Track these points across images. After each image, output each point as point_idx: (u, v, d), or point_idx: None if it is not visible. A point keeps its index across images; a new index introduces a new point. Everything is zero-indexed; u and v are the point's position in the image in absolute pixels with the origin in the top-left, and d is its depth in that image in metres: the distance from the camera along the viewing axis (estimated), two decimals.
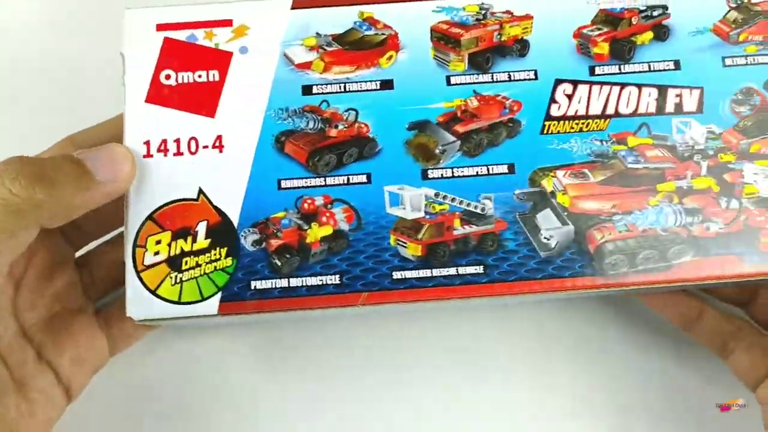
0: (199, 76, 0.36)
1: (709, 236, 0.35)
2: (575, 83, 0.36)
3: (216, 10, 0.37)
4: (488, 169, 0.36)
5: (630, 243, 0.35)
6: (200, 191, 0.35)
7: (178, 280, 0.34)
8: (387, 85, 0.36)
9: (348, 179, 0.36)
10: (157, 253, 0.35)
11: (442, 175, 0.36)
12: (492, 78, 0.37)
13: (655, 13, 0.37)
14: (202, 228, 0.35)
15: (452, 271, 0.35)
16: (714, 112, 0.36)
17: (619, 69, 0.37)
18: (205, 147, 0.36)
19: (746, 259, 0.35)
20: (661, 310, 0.41)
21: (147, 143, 0.36)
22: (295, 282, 0.35)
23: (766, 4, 0.37)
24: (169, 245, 0.35)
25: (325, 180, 0.36)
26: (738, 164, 0.36)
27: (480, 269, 0.35)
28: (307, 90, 0.36)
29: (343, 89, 0.36)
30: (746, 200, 0.35)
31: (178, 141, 0.36)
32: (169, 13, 0.37)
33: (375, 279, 0.35)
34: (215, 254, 0.35)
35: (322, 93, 0.36)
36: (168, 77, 0.36)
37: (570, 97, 0.36)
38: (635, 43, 0.37)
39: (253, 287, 0.35)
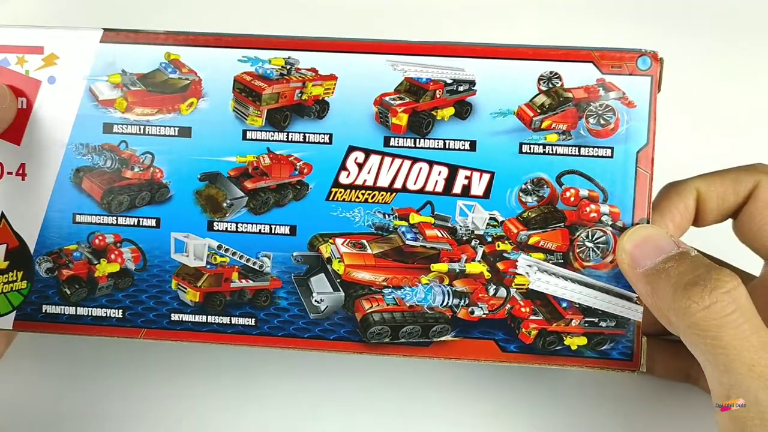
0: None
1: (472, 320, 0.36)
2: (368, 152, 0.36)
3: (29, 36, 0.37)
4: (271, 228, 0.37)
5: (396, 316, 0.37)
6: (2, 215, 0.37)
7: None
8: (185, 132, 0.37)
9: (138, 221, 0.37)
10: None
11: (226, 228, 0.37)
12: (287, 137, 0.37)
13: (461, 89, 0.36)
14: (1, 250, 0.38)
15: (226, 320, 0.37)
16: (500, 198, 0.36)
17: (414, 143, 0.36)
18: (10, 173, 0.37)
19: (504, 347, 0.36)
20: None
21: None
22: (81, 311, 0.38)
23: (579, 91, 0.36)
24: None
25: (117, 219, 0.37)
26: (514, 254, 0.36)
27: (252, 321, 0.37)
28: (108, 128, 0.37)
29: (142, 131, 0.37)
30: (514, 290, 0.36)
31: None
32: None
33: (154, 318, 0.37)
34: (12, 276, 0.38)
35: (122, 133, 0.37)
36: None
37: (361, 166, 0.36)
38: (435, 118, 0.36)
39: (44, 311, 0.38)
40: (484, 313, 0.36)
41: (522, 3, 0.55)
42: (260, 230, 0.37)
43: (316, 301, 0.37)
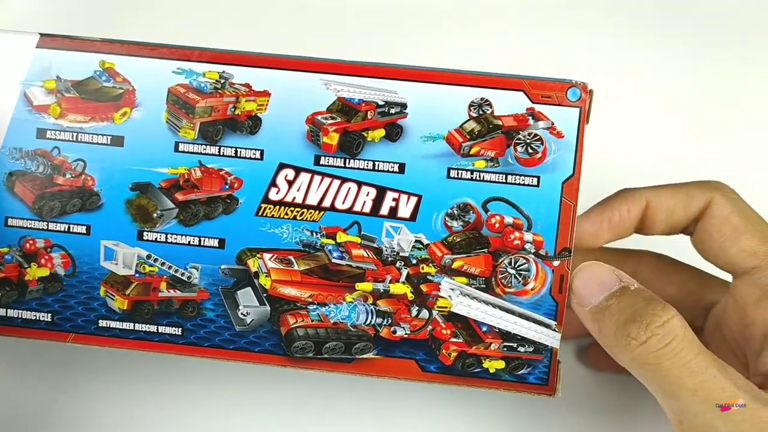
0: None
1: (394, 339, 0.37)
2: (298, 170, 0.37)
3: None
4: (200, 241, 0.37)
5: (320, 332, 0.37)
6: None
7: None
8: (117, 141, 0.37)
9: (69, 228, 0.38)
10: None
11: (156, 238, 0.37)
12: (219, 151, 0.37)
13: (392, 111, 0.36)
14: None
15: (153, 328, 0.38)
16: (427, 222, 0.37)
17: (344, 163, 0.37)
18: None
19: (424, 367, 0.37)
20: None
21: None
22: (12, 313, 0.38)
23: (508, 119, 0.36)
24: None
25: (48, 225, 0.38)
26: (437, 277, 0.37)
27: (178, 331, 0.38)
28: (41, 133, 0.37)
29: (75, 138, 0.37)
30: (436, 312, 0.37)
31: None
32: None
33: (83, 323, 0.38)
34: None
35: (55, 139, 0.37)
36: None
37: (291, 183, 0.37)
38: (366, 139, 0.37)
39: None
40: (406, 333, 0.37)
41: (521, 3, 0.55)
42: (189, 242, 0.37)
43: (242, 314, 0.37)
